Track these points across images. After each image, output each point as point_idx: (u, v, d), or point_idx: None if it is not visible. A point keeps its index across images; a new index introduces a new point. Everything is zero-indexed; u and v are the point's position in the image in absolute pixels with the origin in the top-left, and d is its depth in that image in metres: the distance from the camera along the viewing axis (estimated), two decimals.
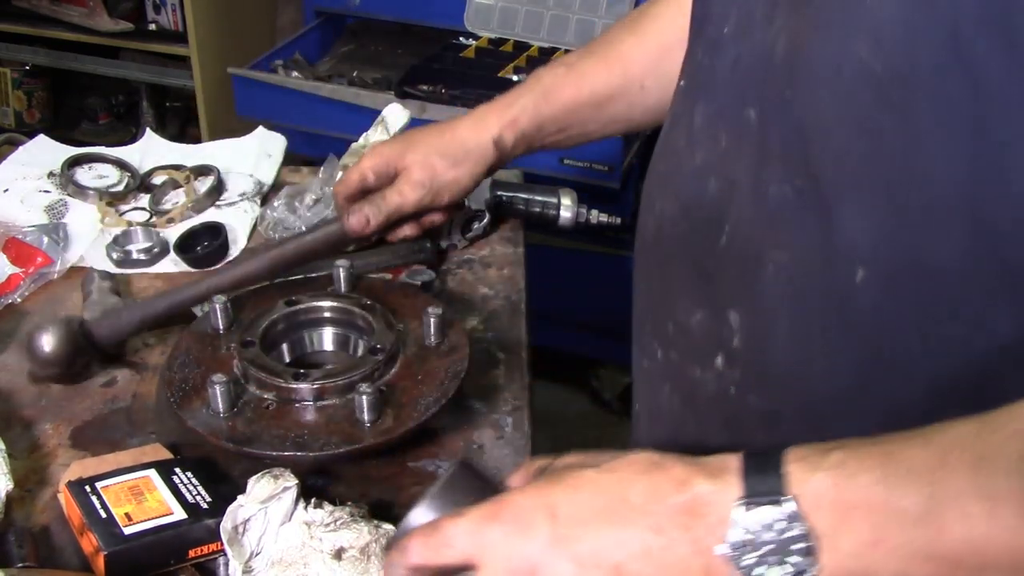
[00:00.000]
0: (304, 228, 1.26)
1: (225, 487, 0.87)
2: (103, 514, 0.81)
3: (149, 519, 0.81)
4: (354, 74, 2.39)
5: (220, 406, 0.91)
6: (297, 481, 0.82)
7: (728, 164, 0.66)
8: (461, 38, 2.31)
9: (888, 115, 0.55)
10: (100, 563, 0.78)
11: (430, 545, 0.59)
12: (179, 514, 0.82)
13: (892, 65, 0.54)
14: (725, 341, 0.68)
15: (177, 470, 0.87)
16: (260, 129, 1.54)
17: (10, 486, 0.87)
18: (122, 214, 1.35)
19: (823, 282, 0.60)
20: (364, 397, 0.89)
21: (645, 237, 0.80)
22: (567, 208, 1.33)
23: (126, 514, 0.81)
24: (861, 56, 0.55)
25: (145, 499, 0.83)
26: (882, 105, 0.55)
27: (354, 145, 1.38)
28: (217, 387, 0.90)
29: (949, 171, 0.53)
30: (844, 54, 0.56)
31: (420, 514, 0.64)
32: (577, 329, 2.42)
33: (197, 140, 2.76)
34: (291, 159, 1.52)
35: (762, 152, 0.63)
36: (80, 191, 1.37)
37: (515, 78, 2.11)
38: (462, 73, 2.11)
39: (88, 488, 0.84)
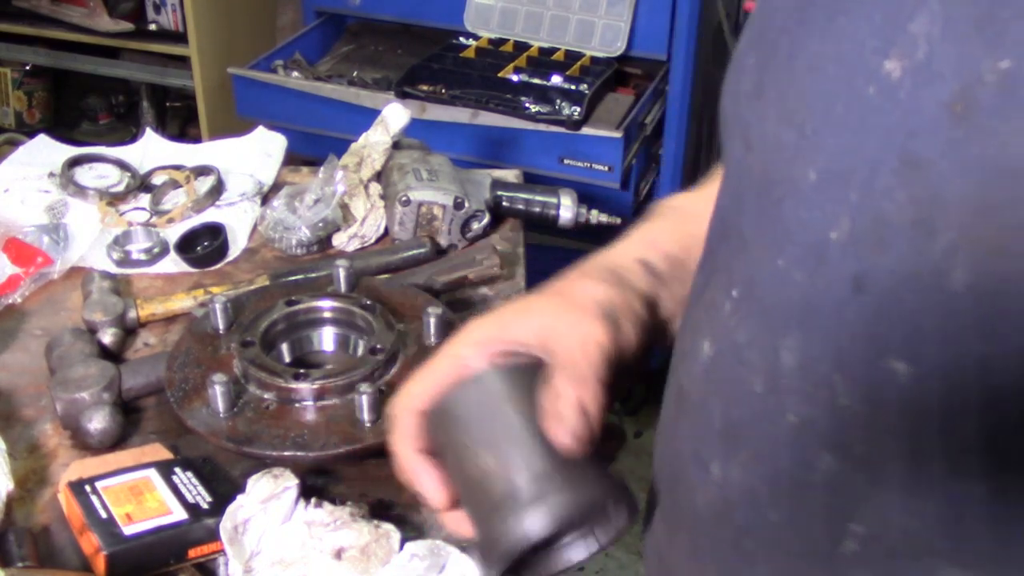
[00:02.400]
0: (304, 228, 1.26)
1: (225, 487, 0.87)
2: (103, 514, 0.81)
3: (149, 519, 0.81)
4: (354, 74, 2.39)
5: (220, 406, 0.91)
6: (297, 481, 0.82)
7: (858, 436, 0.50)
8: (461, 38, 2.31)
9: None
10: (100, 563, 0.78)
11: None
12: (179, 514, 0.82)
13: None
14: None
15: (177, 470, 0.87)
16: (260, 129, 1.54)
17: (10, 486, 0.87)
18: (122, 214, 1.35)
19: None
20: (364, 397, 0.89)
21: (697, 506, 0.59)
22: (567, 208, 1.33)
23: (126, 514, 0.81)
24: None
25: (145, 499, 0.83)
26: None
27: (354, 145, 1.38)
28: (217, 387, 0.90)
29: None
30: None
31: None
32: None
33: (197, 140, 2.75)
34: (291, 159, 1.52)
35: (926, 425, 0.47)
36: (80, 191, 1.37)
37: (515, 78, 2.11)
38: (462, 73, 2.11)
39: (88, 488, 0.84)
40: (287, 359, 1.03)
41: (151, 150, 1.50)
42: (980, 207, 0.43)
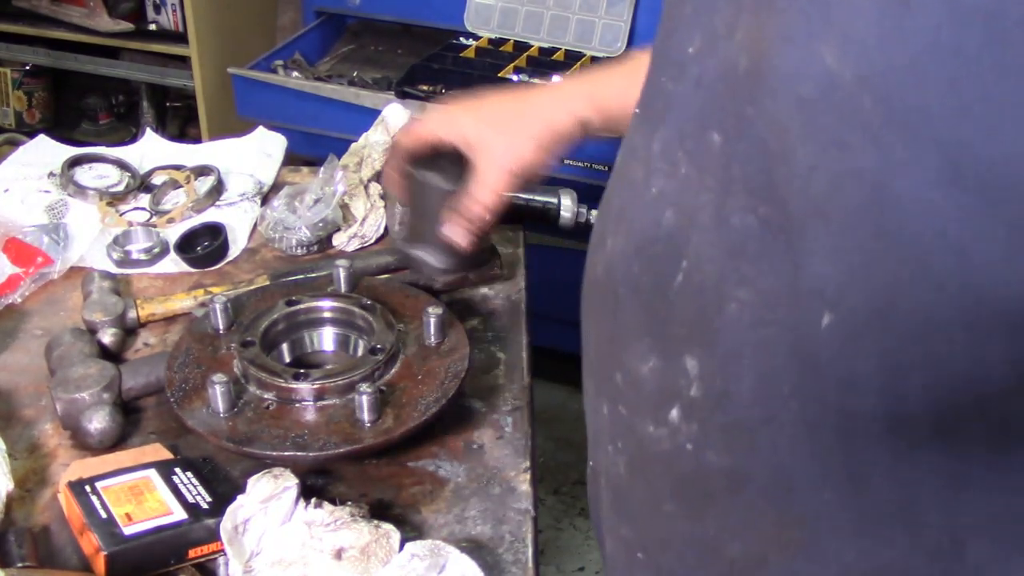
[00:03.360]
0: (304, 228, 1.26)
1: (225, 487, 0.87)
2: (103, 514, 0.81)
3: (149, 519, 0.81)
4: (354, 74, 2.39)
5: (220, 406, 0.91)
6: (297, 481, 0.82)
7: (688, 193, 0.59)
8: (461, 38, 2.31)
9: (857, 130, 0.49)
10: (100, 563, 0.78)
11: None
12: (179, 514, 0.82)
13: (861, 72, 0.48)
14: (682, 390, 0.61)
15: (177, 470, 0.87)
16: (260, 129, 1.54)
17: (10, 486, 0.87)
18: (122, 214, 1.35)
19: (789, 327, 0.54)
20: (364, 397, 0.89)
21: (591, 278, 0.72)
22: (567, 208, 1.33)
23: (126, 514, 0.81)
24: (827, 63, 0.49)
25: (145, 499, 0.83)
26: (849, 118, 0.49)
27: (354, 145, 1.38)
28: (217, 387, 0.90)
29: (926, 197, 0.47)
30: (808, 62, 0.50)
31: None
32: (577, 329, 2.41)
33: (197, 140, 2.76)
34: (291, 159, 1.52)
35: (725, 178, 0.56)
36: (80, 191, 1.37)
37: (515, 78, 2.11)
38: (462, 73, 2.11)
39: (88, 488, 0.84)
40: (287, 359, 1.03)
41: (151, 150, 1.50)
42: (754, 10, 0.54)
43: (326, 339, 1.05)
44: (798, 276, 0.53)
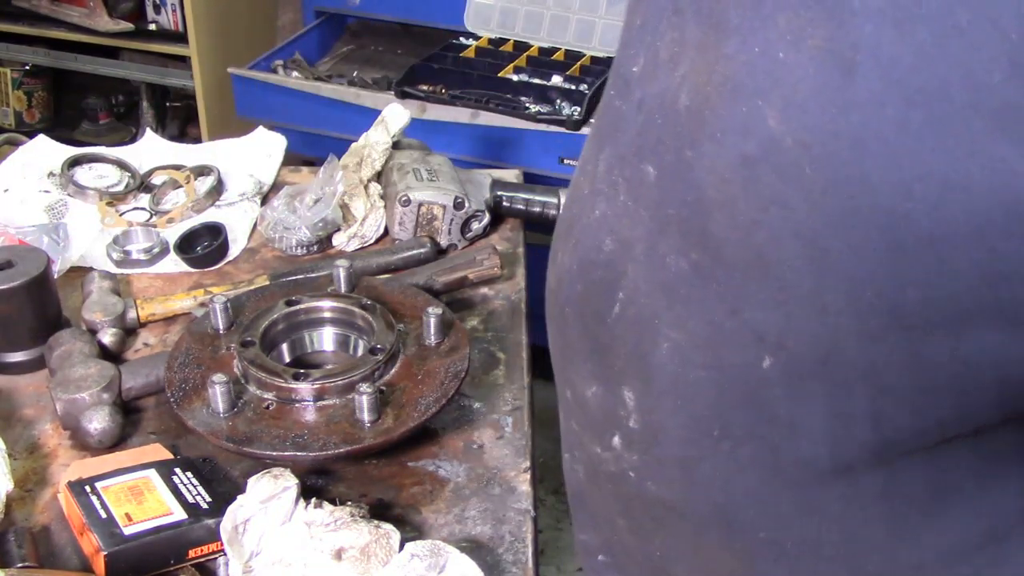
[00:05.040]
0: (304, 228, 1.26)
1: (225, 487, 0.87)
2: (103, 514, 0.81)
3: (149, 519, 0.81)
4: (354, 74, 2.39)
5: (220, 406, 0.91)
6: (297, 481, 0.82)
7: (624, 222, 0.59)
8: (461, 38, 2.31)
9: (798, 192, 0.49)
10: (100, 563, 0.78)
11: None
12: (179, 514, 0.82)
13: (802, 139, 0.48)
14: (621, 420, 0.61)
15: (177, 470, 0.87)
16: (260, 129, 1.54)
17: (10, 486, 0.87)
18: (122, 214, 1.35)
19: (720, 369, 0.54)
20: (364, 397, 0.89)
21: (548, 288, 0.71)
22: None
23: (126, 514, 0.81)
24: (770, 124, 0.48)
25: (145, 499, 0.83)
26: (791, 181, 0.48)
27: (354, 145, 1.38)
28: (217, 387, 0.90)
29: (866, 262, 0.47)
30: (753, 119, 0.49)
31: None
32: None
33: (197, 140, 2.76)
34: (291, 159, 1.52)
35: (659, 215, 0.56)
36: (80, 191, 1.37)
37: (515, 78, 2.11)
38: (462, 73, 2.11)
39: (88, 488, 0.84)
40: (287, 359, 1.03)
41: (151, 150, 1.50)
42: (700, 48, 0.53)
43: (326, 339, 1.05)
44: (734, 320, 0.53)
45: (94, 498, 0.83)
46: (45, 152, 1.47)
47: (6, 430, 0.98)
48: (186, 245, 1.27)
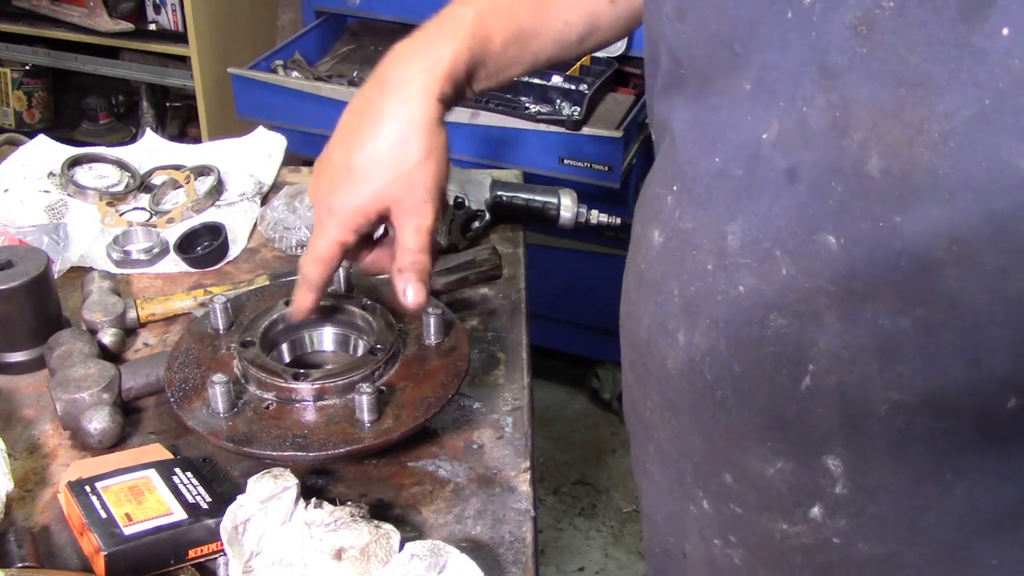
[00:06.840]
0: (304, 228, 1.26)
1: (225, 487, 0.87)
2: (103, 514, 0.81)
3: (149, 519, 0.81)
4: (354, 74, 2.39)
5: (220, 406, 0.91)
6: (297, 481, 0.82)
7: (795, 295, 0.58)
8: None
9: None
10: (100, 563, 0.78)
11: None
12: (179, 514, 0.82)
13: None
14: (823, 490, 0.61)
15: (177, 470, 0.87)
16: (260, 129, 1.54)
17: (10, 486, 0.87)
18: (122, 214, 1.35)
19: (960, 415, 0.55)
20: (364, 397, 0.89)
21: (661, 375, 0.69)
22: (567, 208, 1.33)
23: (126, 514, 0.81)
24: (1019, 165, 0.48)
25: (145, 499, 0.83)
26: None
27: None
28: (217, 387, 0.90)
29: None
30: (993, 164, 0.49)
31: None
32: (577, 329, 2.42)
33: (197, 140, 2.76)
34: (291, 159, 1.52)
35: (853, 283, 0.55)
36: (80, 191, 1.37)
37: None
38: None
39: (88, 488, 0.84)
40: (287, 359, 1.03)
41: (151, 150, 1.51)
42: (885, 109, 0.53)
43: (326, 339, 1.05)
44: (977, 370, 0.53)
45: (94, 498, 0.83)
46: (45, 152, 1.47)
47: (6, 430, 0.98)
48: (186, 245, 1.27)
